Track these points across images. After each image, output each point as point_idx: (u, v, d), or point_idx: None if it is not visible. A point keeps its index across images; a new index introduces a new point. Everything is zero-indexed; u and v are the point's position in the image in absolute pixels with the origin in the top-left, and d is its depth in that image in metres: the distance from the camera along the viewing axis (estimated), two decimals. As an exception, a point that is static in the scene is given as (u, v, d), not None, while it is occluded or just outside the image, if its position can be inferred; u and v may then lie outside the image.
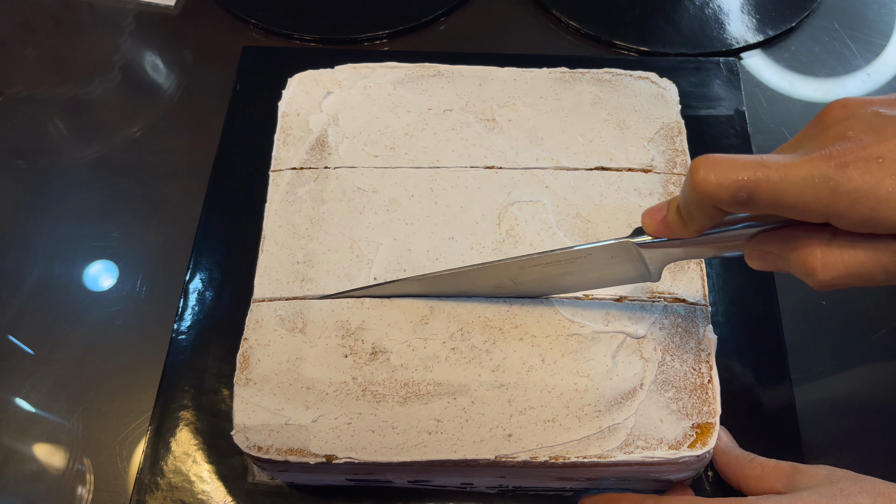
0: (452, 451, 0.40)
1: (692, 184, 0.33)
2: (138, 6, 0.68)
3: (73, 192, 0.58)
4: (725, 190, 0.32)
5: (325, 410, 0.42)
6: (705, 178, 0.32)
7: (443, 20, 0.67)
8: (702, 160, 0.33)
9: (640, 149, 0.51)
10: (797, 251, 0.34)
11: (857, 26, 0.66)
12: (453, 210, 0.48)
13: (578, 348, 0.43)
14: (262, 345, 0.44)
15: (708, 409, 0.41)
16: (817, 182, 0.31)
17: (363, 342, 0.44)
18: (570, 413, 0.41)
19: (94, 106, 0.63)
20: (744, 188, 0.32)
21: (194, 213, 0.55)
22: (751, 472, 0.41)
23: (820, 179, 0.31)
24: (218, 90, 0.62)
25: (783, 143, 0.59)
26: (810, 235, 0.34)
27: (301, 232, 0.48)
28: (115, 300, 0.54)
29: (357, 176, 0.50)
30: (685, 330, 0.44)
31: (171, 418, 0.47)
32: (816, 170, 0.31)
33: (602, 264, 0.41)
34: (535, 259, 0.42)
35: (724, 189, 0.32)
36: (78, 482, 0.47)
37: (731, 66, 0.61)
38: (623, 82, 0.54)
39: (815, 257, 0.33)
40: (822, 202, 0.31)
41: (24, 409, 0.50)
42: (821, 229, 0.33)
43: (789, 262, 0.35)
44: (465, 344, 0.43)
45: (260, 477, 0.46)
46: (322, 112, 0.53)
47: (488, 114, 0.52)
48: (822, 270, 0.33)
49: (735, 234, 0.37)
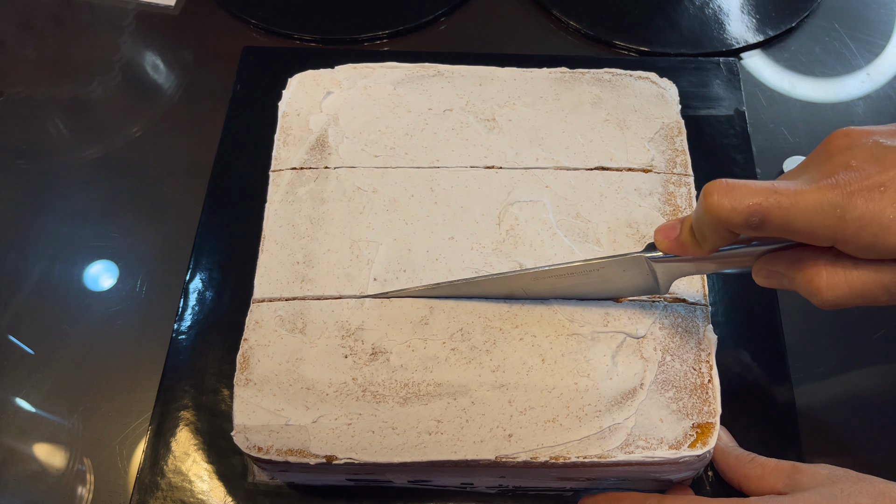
0: (453, 452, 0.40)
1: (706, 207, 0.35)
2: (138, 6, 0.68)
3: (73, 192, 0.58)
4: (739, 214, 0.34)
5: (325, 411, 0.42)
6: (719, 202, 0.34)
7: (443, 20, 0.67)
8: (715, 185, 0.34)
9: (641, 149, 0.51)
10: (803, 271, 0.36)
11: (857, 26, 0.66)
12: (453, 210, 0.48)
13: (578, 348, 0.43)
14: (262, 345, 0.44)
15: (708, 409, 0.41)
16: (826, 209, 0.33)
17: (363, 343, 0.44)
18: (570, 413, 0.41)
19: (95, 106, 0.63)
20: (756, 213, 0.33)
21: (194, 213, 0.55)
22: (751, 472, 0.41)
23: (828, 207, 0.33)
24: (218, 90, 0.62)
25: (783, 143, 0.60)
26: (816, 257, 0.35)
27: (301, 232, 0.48)
28: (115, 300, 0.54)
29: (357, 176, 0.50)
30: (685, 330, 0.44)
31: (171, 418, 0.47)
32: (825, 197, 0.33)
33: (613, 276, 0.42)
34: (550, 271, 0.43)
35: (737, 213, 0.34)
36: (78, 482, 0.47)
37: (731, 66, 0.61)
38: (623, 82, 0.54)
39: (821, 278, 0.35)
40: (829, 228, 0.33)
41: (24, 409, 0.50)
42: (826, 251, 0.35)
43: (795, 282, 0.36)
44: (465, 344, 0.43)
45: (260, 477, 0.46)
46: (322, 112, 0.52)
47: (488, 114, 0.52)
48: (826, 290, 0.35)
49: (744, 253, 0.38)
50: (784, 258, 0.37)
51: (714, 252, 0.38)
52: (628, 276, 0.42)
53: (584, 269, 0.43)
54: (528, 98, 0.53)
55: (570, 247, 0.46)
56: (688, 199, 0.48)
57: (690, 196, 0.49)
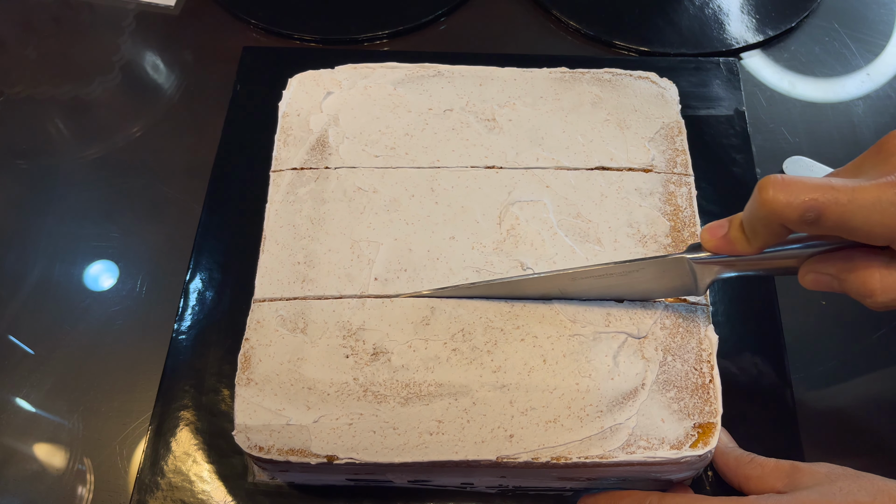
0: (454, 452, 0.40)
1: (761, 202, 0.35)
2: (138, 6, 0.68)
3: (73, 192, 0.58)
4: (795, 209, 0.34)
5: (327, 411, 0.42)
6: (775, 197, 0.34)
7: (443, 20, 0.67)
8: (771, 180, 0.34)
9: (641, 148, 0.51)
10: (855, 273, 0.36)
11: (857, 26, 0.66)
12: (454, 210, 0.48)
13: (580, 349, 0.43)
14: (264, 345, 0.44)
15: (709, 409, 0.41)
16: (884, 207, 0.33)
17: (364, 343, 0.44)
18: (571, 413, 0.41)
19: (95, 106, 0.63)
20: (812, 208, 0.33)
21: (194, 213, 0.55)
22: (751, 472, 0.41)
23: (887, 205, 0.33)
24: (218, 90, 0.62)
25: (783, 143, 0.60)
26: (869, 258, 0.35)
27: (302, 232, 0.48)
28: (115, 300, 0.53)
29: (357, 176, 0.50)
30: (686, 330, 0.44)
31: (172, 418, 0.47)
32: (885, 195, 0.33)
33: (652, 277, 0.43)
34: (590, 271, 0.43)
35: (793, 209, 0.34)
36: (78, 482, 0.47)
37: (731, 66, 0.61)
38: (623, 82, 0.54)
39: (875, 280, 0.35)
40: (887, 226, 0.33)
41: (24, 409, 0.50)
42: (879, 252, 0.35)
43: (847, 284, 0.36)
44: (466, 345, 0.43)
45: (260, 477, 0.46)
46: (322, 112, 0.52)
47: (488, 114, 0.52)
48: (881, 292, 0.35)
49: (791, 254, 0.38)
50: (835, 260, 0.37)
51: (763, 250, 0.38)
52: (667, 277, 0.42)
53: (624, 269, 0.43)
54: (529, 98, 0.53)
55: (570, 246, 0.46)
56: (688, 198, 0.48)
57: (691, 195, 0.49)
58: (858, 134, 0.60)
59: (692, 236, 0.47)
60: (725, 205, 0.54)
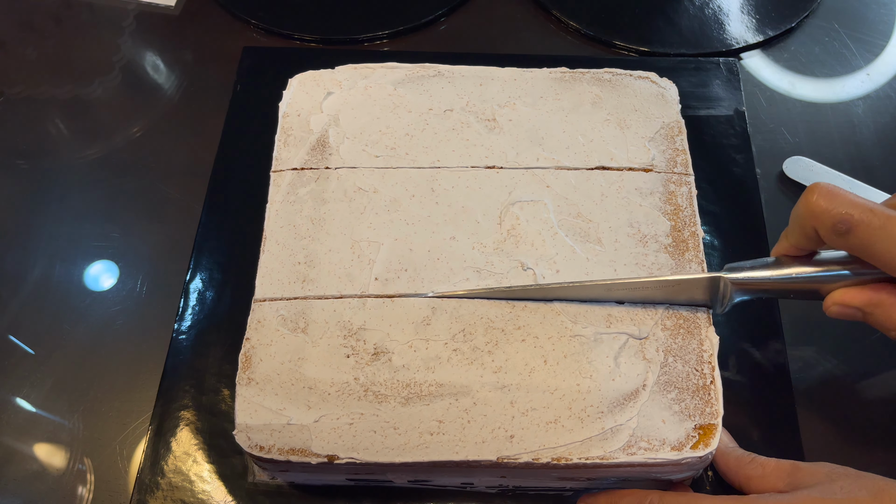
0: (454, 452, 0.40)
1: (804, 202, 0.37)
2: (138, 6, 0.68)
3: (73, 192, 0.58)
4: (830, 217, 0.36)
5: (327, 410, 0.42)
6: (817, 202, 0.37)
7: (443, 20, 0.67)
8: (819, 186, 0.37)
9: (641, 148, 0.51)
10: (881, 307, 0.38)
11: (856, 26, 0.66)
12: (454, 210, 0.48)
13: (581, 349, 0.43)
14: (265, 344, 0.44)
15: (710, 410, 0.41)
16: None
17: (365, 342, 0.44)
18: (572, 414, 0.41)
19: (95, 106, 0.63)
20: (845, 222, 0.36)
21: (194, 213, 0.55)
22: (752, 472, 0.41)
23: None
24: (218, 90, 0.62)
25: (783, 143, 0.60)
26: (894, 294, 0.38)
27: (302, 232, 0.48)
28: (115, 300, 0.53)
29: (358, 176, 0.50)
30: (687, 331, 0.44)
31: (172, 418, 0.47)
32: None
33: (684, 291, 0.44)
34: (627, 284, 0.44)
35: (829, 216, 0.36)
36: (78, 482, 0.47)
37: (731, 67, 0.61)
38: (623, 82, 0.54)
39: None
40: None
41: (24, 409, 0.50)
42: None
43: (872, 318, 0.39)
44: (467, 345, 0.43)
45: (260, 476, 0.46)
46: (323, 112, 0.52)
47: (489, 114, 0.52)
48: None
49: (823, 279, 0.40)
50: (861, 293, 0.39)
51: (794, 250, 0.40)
52: (700, 292, 0.43)
53: (662, 284, 0.44)
54: (529, 98, 0.53)
55: (571, 246, 0.46)
56: (688, 198, 0.48)
57: (691, 195, 0.49)
58: (858, 134, 0.60)
59: (692, 236, 0.47)
60: (725, 205, 0.54)
